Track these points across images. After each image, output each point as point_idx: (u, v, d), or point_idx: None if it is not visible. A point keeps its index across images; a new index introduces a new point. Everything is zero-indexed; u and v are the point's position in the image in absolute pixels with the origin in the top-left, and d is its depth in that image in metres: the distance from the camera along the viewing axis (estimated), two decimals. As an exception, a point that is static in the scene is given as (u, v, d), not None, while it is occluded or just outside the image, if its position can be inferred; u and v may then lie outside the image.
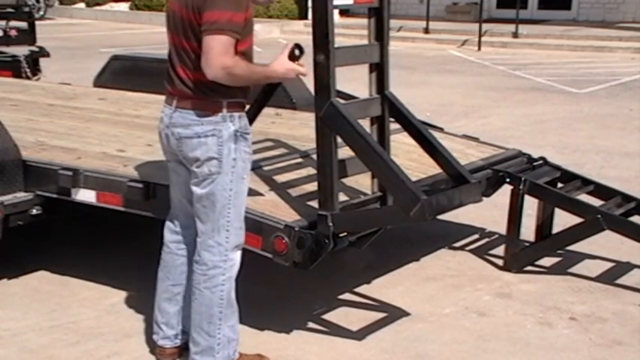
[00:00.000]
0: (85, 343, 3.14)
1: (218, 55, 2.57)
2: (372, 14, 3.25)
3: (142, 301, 3.48)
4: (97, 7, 21.36)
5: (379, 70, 3.32)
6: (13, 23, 7.56)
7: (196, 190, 2.78)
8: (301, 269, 3.01)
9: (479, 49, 14.43)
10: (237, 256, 2.86)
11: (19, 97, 5.30)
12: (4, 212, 3.40)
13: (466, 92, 9.95)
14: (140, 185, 3.24)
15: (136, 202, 3.26)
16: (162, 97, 3.11)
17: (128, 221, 3.41)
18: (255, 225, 3.02)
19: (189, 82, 2.72)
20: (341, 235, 2.99)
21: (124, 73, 5.40)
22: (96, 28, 17.53)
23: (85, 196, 3.36)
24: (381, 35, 3.29)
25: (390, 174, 2.93)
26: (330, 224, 2.93)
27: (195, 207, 2.82)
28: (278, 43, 15.99)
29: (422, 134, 3.34)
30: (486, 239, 4.51)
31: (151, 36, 16.26)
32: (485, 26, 14.84)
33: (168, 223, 3.02)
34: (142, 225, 3.42)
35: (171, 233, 3.00)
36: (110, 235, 4.24)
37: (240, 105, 2.78)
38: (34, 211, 3.46)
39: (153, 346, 3.10)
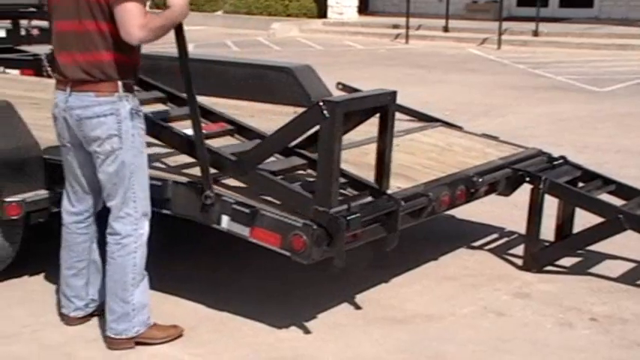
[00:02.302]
0: (103, 341, 3.15)
1: (131, 19, 2.77)
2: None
3: (160, 299, 3.49)
4: (118, 6, 21.50)
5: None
6: (35, 22, 7.63)
7: (104, 169, 2.97)
8: (336, 266, 3.01)
9: (499, 47, 14.35)
10: (146, 225, 3.06)
11: (40, 96, 5.34)
12: (26, 209, 3.43)
13: (485, 91, 9.89)
14: (159, 183, 3.26)
15: (155, 200, 3.27)
16: (182, 96, 3.13)
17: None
18: (273, 223, 3.02)
19: (87, 66, 2.88)
20: (348, 215, 2.98)
21: (145, 72, 5.41)
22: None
23: (105, 193, 3.38)
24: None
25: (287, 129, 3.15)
26: (316, 207, 2.94)
27: (105, 187, 3.02)
28: (296, 41, 16.01)
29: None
30: (505, 239, 4.48)
31: (171, 35, 16.34)
32: (505, 24, 14.75)
33: (65, 204, 3.19)
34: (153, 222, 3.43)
35: (69, 214, 3.18)
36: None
37: (132, 86, 2.98)
38: (55, 209, 3.49)
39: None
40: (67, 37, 2.94)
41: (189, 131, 3.25)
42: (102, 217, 3.17)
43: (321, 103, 2.95)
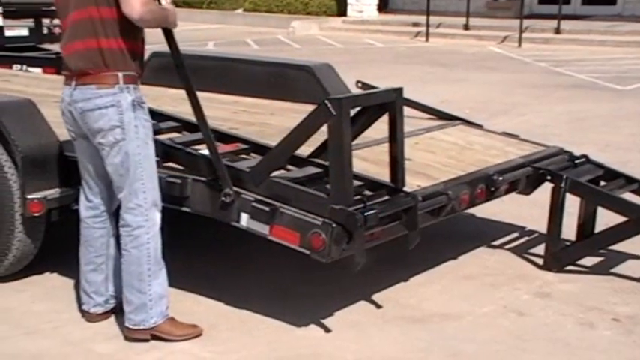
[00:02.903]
0: (123, 336, 3.18)
1: None
2: None
3: (178, 296, 3.51)
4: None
5: None
6: (58, 21, 7.69)
7: (110, 161, 3.02)
8: (357, 263, 3.00)
9: (519, 45, 14.26)
10: (157, 215, 3.09)
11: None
12: (47, 207, 3.46)
13: (506, 89, 9.83)
14: (178, 181, 3.27)
15: (174, 197, 3.29)
16: (202, 94, 3.16)
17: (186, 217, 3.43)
18: (292, 221, 3.02)
19: (88, 54, 2.94)
20: (364, 211, 2.97)
21: (164, 69, 5.44)
22: (137, 26, 17.69)
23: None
24: None
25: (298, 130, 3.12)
26: (332, 206, 2.94)
27: (113, 180, 3.06)
28: (316, 40, 16.00)
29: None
30: (526, 238, 4.45)
31: (191, 33, 16.40)
32: (526, 22, 14.66)
33: (82, 199, 3.24)
34: (191, 220, 3.45)
35: (86, 209, 3.23)
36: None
37: (134, 77, 3.02)
38: (75, 206, 3.52)
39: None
40: (71, 29, 2.99)
41: (207, 152, 3.31)
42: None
43: (327, 101, 2.96)
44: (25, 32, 7.48)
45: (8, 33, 6.77)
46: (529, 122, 7.65)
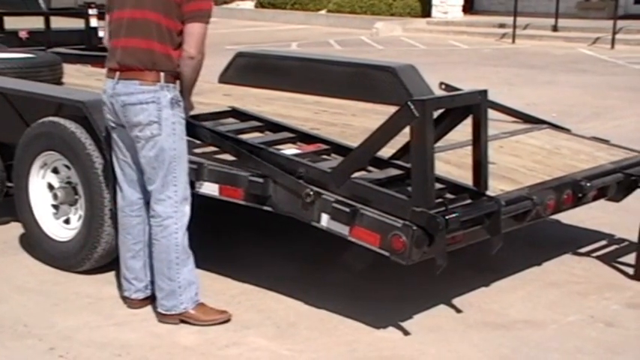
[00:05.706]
0: (207, 332, 3.24)
1: (202, 40, 3.13)
2: None
3: (261, 295, 3.55)
4: (224, 5, 22.07)
5: None
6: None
7: (145, 153, 3.15)
8: (438, 265, 2.97)
9: (612, 47, 13.76)
10: (186, 208, 3.23)
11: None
12: None
13: (597, 92, 9.51)
14: (261, 180, 3.31)
15: (257, 196, 3.33)
16: (285, 94, 3.18)
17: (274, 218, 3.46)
18: (373, 223, 3.01)
19: (139, 53, 3.09)
20: (446, 214, 2.93)
21: (249, 69, 5.53)
22: (222, 26, 18.02)
23: (209, 189, 3.47)
24: None
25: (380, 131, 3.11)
26: (413, 208, 2.91)
27: (145, 171, 3.19)
28: (400, 41, 15.91)
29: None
30: (615, 246, 4.29)
31: (275, 33, 16.64)
32: (620, 23, 14.12)
33: (117, 190, 3.37)
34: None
35: (122, 199, 3.36)
36: (243, 231, 4.35)
37: (174, 76, 3.16)
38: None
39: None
40: (124, 24, 3.14)
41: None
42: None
43: (410, 103, 2.94)
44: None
45: (101, 34, 7.03)
46: (622, 127, 7.37)
